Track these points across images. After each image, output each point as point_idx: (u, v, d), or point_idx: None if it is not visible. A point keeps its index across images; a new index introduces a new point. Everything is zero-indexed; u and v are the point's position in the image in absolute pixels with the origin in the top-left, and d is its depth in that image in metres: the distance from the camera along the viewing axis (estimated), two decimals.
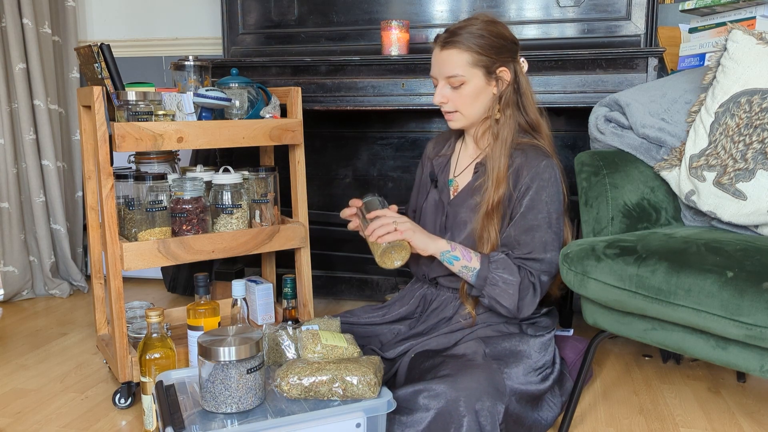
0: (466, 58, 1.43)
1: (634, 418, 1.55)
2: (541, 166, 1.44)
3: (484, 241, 1.46)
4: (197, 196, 1.62)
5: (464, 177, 1.57)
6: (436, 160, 1.65)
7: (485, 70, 1.44)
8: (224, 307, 1.85)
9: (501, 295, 1.42)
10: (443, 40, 1.45)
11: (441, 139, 1.69)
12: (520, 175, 1.45)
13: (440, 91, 1.47)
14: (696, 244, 1.23)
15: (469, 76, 1.44)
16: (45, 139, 2.44)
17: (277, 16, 2.35)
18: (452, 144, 1.64)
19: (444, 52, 1.45)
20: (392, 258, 1.42)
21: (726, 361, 1.18)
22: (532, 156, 1.45)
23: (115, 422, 1.54)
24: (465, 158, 1.59)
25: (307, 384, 1.18)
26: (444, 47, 1.45)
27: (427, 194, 1.63)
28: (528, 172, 1.44)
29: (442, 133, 1.72)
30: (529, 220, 1.43)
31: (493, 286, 1.42)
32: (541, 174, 1.43)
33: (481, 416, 1.24)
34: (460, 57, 1.43)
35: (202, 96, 1.62)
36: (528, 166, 1.44)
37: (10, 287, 2.44)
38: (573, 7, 2.09)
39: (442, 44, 1.45)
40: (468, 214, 1.50)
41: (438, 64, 1.47)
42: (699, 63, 1.75)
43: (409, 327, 1.59)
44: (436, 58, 1.47)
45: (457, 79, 1.44)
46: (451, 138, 1.65)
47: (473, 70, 1.44)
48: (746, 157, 1.36)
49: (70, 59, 2.60)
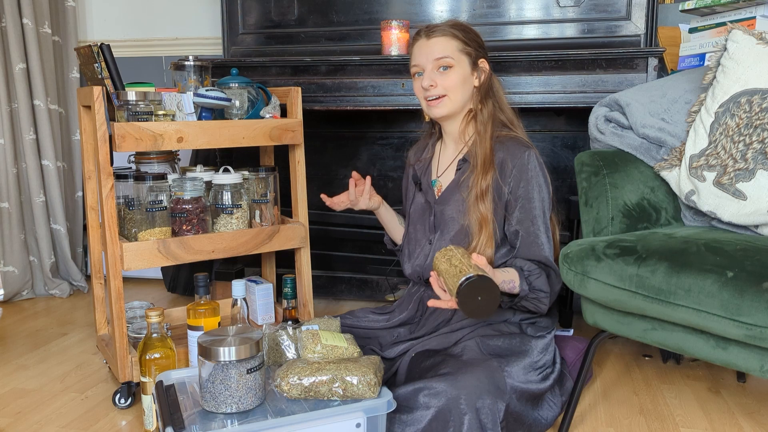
0: (454, 44, 1.50)
1: (634, 418, 1.55)
2: (524, 157, 1.48)
3: (480, 227, 1.46)
4: (197, 196, 1.62)
5: (447, 176, 1.60)
6: (417, 164, 1.68)
7: (470, 58, 1.52)
8: (224, 307, 1.85)
9: (538, 303, 1.45)
10: (429, 30, 1.52)
11: (419, 146, 1.73)
12: (505, 168, 1.48)
13: (428, 75, 1.51)
14: (696, 244, 1.23)
15: (458, 60, 1.50)
16: (45, 139, 2.44)
17: (277, 16, 2.36)
18: (430, 148, 1.67)
19: (432, 40, 1.51)
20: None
21: (726, 361, 1.18)
22: (514, 148, 1.49)
23: (115, 422, 1.54)
24: (446, 158, 1.62)
25: (307, 384, 1.18)
26: (431, 36, 1.51)
27: (413, 198, 1.65)
28: (513, 165, 1.48)
29: (419, 141, 1.75)
30: (526, 212, 1.47)
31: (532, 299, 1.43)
32: (527, 165, 1.47)
33: (482, 414, 1.24)
34: (449, 43, 1.50)
35: (202, 96, 1.62)
36: (512, 158, 1.48)
37: (10, 287, 2.44)
38: (573, 7, 2.09)
39: (428, 34, 1.52)
40: (455, 210, 1.52)
41: (425, 52, 1.51)
42: (699, 63, 1.75)
43: (409, 331, 1.59)
44: (422, 47, 1.52)
45: (446, 60, 1.49)
46: (429, 142, 1.69)
47: (461, 56, 1.51)
48: (746, 157, 1.36)
49: (70, 59, 2.60)
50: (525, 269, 1.43)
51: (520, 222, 1.47)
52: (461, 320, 1.51)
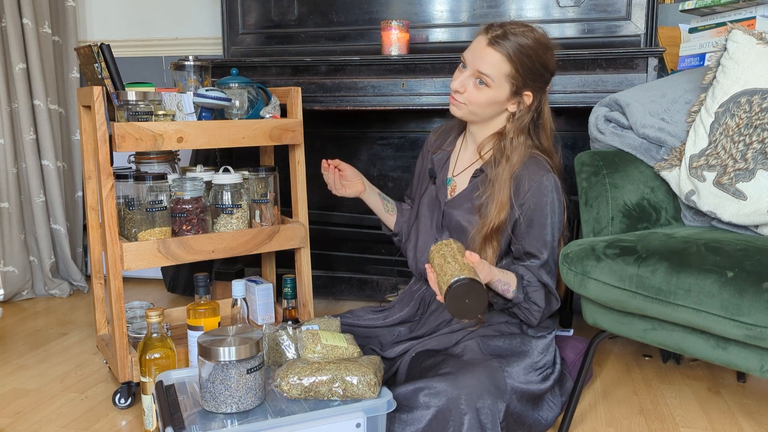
0: (505, 68, 1.40)
1: (634, 418, 1.55)
2: (543, 181, 1.42)
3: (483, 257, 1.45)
4: (197, 196, 1.62)
5: (462, 179, 1.56)
6: (436, 155, 1.63)
7: (514, 87, 1.42)
8: (224, 307, 1.85)
9: (528, 315, 1.44)
10: (494, 36, 1.40)
11: (443, 132, 1.67)
12: (521, 186, 1.43)
13: (463, 79, 1.44)
14: (696, 244, 1.23)
15: (498, 85, 1.41)
16: (45, 139, 2.44)
17: (277, 16, 2.35)
18: (453, 140, 1.63)
19: (489, 50, 1.40)
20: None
21: (726, 361, 1.18)
22: (534, 168, 1.43)
23: (115, 422, 1.54)
24: (465, 158, 1.58)
25: (307, 384, 1.18)
26: (491, 45, 1.40)
27: (425, 189, 1.63)
28: (530, 186, 1.42)
29: (445, 125, 1.69)
30: (536, 238, 1.43)
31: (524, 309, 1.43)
32: (543, 189, 1.42)
33: (482, 414, 1.24)
34: (500, 64, 1.40)
35: (202, 96, 1.62)
36: (530, 179, 1.42)
37: (10, 287, 2.44)
38: (573, 7, 2.09)
39: (491, 40, 1.40)
40: (464, 218, 1.50)
41: (476, 55, 1.42)
42: (699, 63, 1.75)
43: (409, 330, 1.59)
44: (479, 49, 1.42)
45: (487, 78, 1.41)
46: (453, 133, 1.64)
47: (504, 82, 1.41)
48: (746, 157, 1.36)
49: (70, 59, 2.60)
50: (525, 279, 1.42)
51: (529, 245, 1.44)
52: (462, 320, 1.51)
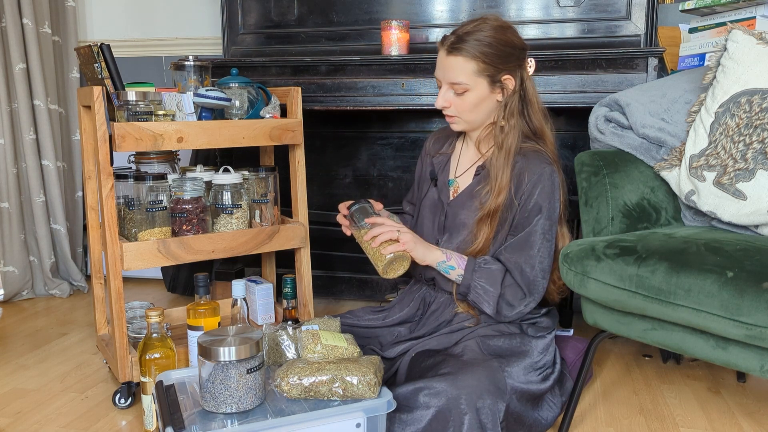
0: (471, 67, 1.40)
1: (634, 418, 1.55)
2: (544, 174, 1.43)
3: (475, 243, 1.47)
4: (197, 196, 1.62)
5: (465, 179, 1.56)
6: (436, 158, 1.63)
7: (490, 78, 1.42)
8: (224, 307, 1.85)
9: (481, 302, 1.45)
10: (449, 45, 1.42)
11: (442, 135, 1.67)
12: (522, 180, 1.44)
13: (443, 95, 1.46)
14: (696, 244, 1.23)
15: (473, 85, 1.42)
16: (45, 139, 2.44)
17: (277, 16, 2.36)
18: (453, 142, 1.63)
19: (450, 58, 1.42)
20: (395, 269, 1.43)
21: (726, 361, 1.18)
22: (534, 162, 1.44)
23: (115, 422, 1.54)
24: (466, 159, 1.58)
25: (307, 384, 1.18)
26: (450, 53, 1.42)
27: (426, 192, 1.63)
28: (530, 179, 1.43)
29: (442, 128, 1.70)
30: (529, 228, 1.44)
31: (475, 294, 1.45)
32: (544, 182, 1.43)
33: (482, 414, 1.24)
34: (465, 65, 1.40)
35: (202, 96, 1.62)
36: (530, 172, 1.43)
37: (10, 287, 2.44)
38: (573, 7, 2.09)
39: (448, 49, 1.42)
40: (467, 216, 1.50)
41: (442, 69, 1.45)
42: (699, 63, 1.75)
43: (409, 330, 1.59)
44: (442, 61, 1.45)
45: (460, 86, 1.42)
46: (452, 136, 1.64)
47: (478, 79, 1.42)
48: (746, 157, 1.36)
49: (70, 59, 2.60)
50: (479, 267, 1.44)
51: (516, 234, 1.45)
52: (462, 321, 1.51)
